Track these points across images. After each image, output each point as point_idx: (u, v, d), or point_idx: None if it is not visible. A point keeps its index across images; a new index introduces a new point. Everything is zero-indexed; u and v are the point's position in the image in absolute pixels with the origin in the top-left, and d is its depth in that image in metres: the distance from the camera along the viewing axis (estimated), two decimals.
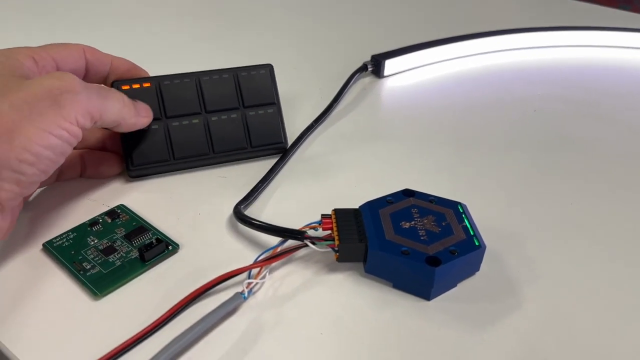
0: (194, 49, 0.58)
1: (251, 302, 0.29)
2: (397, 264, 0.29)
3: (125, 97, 0.34)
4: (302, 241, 0.31)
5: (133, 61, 0.39)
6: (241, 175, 0.39)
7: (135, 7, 0.69)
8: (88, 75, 0.36)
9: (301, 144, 0.42)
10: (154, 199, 0.36)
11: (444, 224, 0.31)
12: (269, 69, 0.41)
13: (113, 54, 0.37)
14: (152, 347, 0.26)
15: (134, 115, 0.35)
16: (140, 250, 0.31)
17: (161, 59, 0.55)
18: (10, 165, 0.27)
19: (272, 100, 0.41)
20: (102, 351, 0.26)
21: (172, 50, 0.58)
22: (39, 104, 0.28)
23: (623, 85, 0.54)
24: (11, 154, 0.27)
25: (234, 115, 0.40)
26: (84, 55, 0.35)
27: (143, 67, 0.39)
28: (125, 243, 0.32)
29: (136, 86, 0.37)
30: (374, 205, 0.32)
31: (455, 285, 0.31)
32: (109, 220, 0.34)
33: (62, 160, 0.30)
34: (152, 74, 0.39)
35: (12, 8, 0.66)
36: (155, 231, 0.33)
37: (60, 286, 0.30)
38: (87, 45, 0.36)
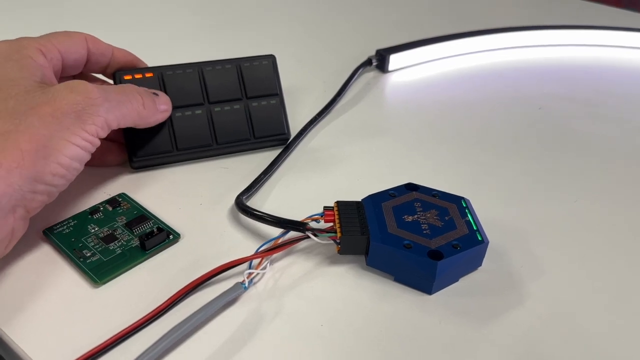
0: (197, 41, 0.58)
1: (251, 292, 0.29)
2: (399, 258, 0.29)
3: (145, 98, 0.34)
4: (304, 233, 0.31)
5: (134, 52, 0.38)
6: (243, 167, 0.39)
7: None
8: (88, 65, 0.36)
9: (304, 136, 0.42)
10: (155, 189, 0.36)
11: (446, 218, 0.31)
12: (271, 59, 0.41)
13: (114, 45, 0.37)
14: (152, 335, 0.26)
15: (153, 115, 0.35)
16: (141, 238, 0.31)
17: (163, 50, 0.54)
18: (45, 179, 0.28)
19: (274, 91, 0.40)
20: (101, 338, 0.26)
21: (175, 42, 0.57)
22: (64, 119, 0.29)
23: (628, 85, 0.54)
24: (46, 168, 0.28)
25: (236, 106, 0.39)
26: (86, 45, 0.35)
27: (145, 59, 0.39)
28: (126, 231, 0.32)
29: (138, 76, 0.37)
30: (376, 199, 0.32)
31: (457, 280, 0.30)
32: (110, 209, 0.34)
33: (82, 168, 0.31)
34: (154, 65, 0.39)
35: None
36: (157, 220, 0.33)
37: (60, 273, 0.30)
38: (89, 35, 0.35)
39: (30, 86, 0.30)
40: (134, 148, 0.37)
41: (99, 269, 0.30)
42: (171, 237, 0.32)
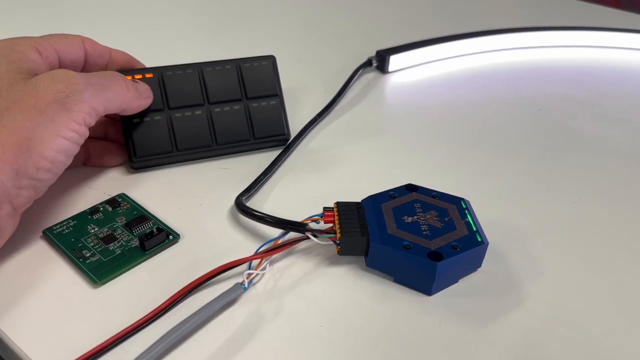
0: (197, 41, 0.58)
1: (251, 293, 0.29)
2: (399, 258, 0.29)
3: (128, 81, 0.34)
4: (304, 233, 0.31)
5: (132, 53, 0.39)
6: (243, 167, 0.39)
7: None
8: (87, 67, 0.36)
9: (304, 137, 0.42)
10: (155, 189, 0.36)
11: (446, 219, 0.31)
12: (271, 60, 0.41)
13: (111, 47, 0.37)
14: (151, 336, 0.26)
15: (137, 99, 0.35)
16: (140, 239, 0.31)
17: (163, 51, 0.54)
18: (28, 173, 0.28)
19: (274, 92, 0.40)
20: (100, 339, 0.26)
21: (175, 42, 0.57)
22: (48, 109, 0.28)
23: (628, 86, 0.54)
24: (29, 162, 0.27)
25: (236, 107, 0.39)
26: (83, 46, 0.35)
27: (144, 59, 0.39)
28: (125, 232, 0.32)
29: (138, 77, 0.37)
30: (376, 199, 0.32)
31: (456, 281, 0.30)
32: (110, 209, 0.34)
33: (71, 161, 0.30)
34: (154, 65, 0.39)
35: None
36: (156, 220, 0.33)
37: (59, 274, 0.30)
38: (85, 37, 0.35)
39: (14, 79, 0.29)
40: (134, 148, 0.37)
41: (99, 269, 0.30)
42: (171, 237, 0.32)
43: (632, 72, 0.57)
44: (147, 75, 0.37)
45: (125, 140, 0.37)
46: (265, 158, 0.39)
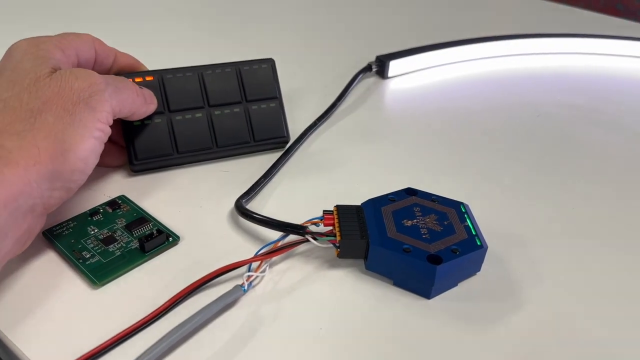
0: (198, 46, 0.58)
1: (251, 295, 0.29)
2: (398, 262, 0.29)
3: (136, 86, 0.35)
4: (303, 236, 0.31)
5: (135, 56, 0.39)
6: (243, 170, 0.39)
7: (137, 1, 0.69)
8: (95, 67, 0.36)
9: (304, 140, 0.42)
10: (155, 191, 0.36)
11: (446, 223, 0.31)
12: (270, 63, 0.41)
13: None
14: (151, 337, 0.26)
15: (144, 104, 0.35)
16: (140, 240, 0.31)
17: (164, 54, 0.55)
18: (64, 175, 0.28)
19: (274, 95, 0.41)
20: (100, 340, 0.26)
21: (176, 45, 0.58)
22: (75, 110, 0.29)
23: (627, 92, 0.54)
24: (65, 165, 0.28)
25: (236, 110, 0.39)
26: (94, 45, 0.35)
27: (145, 62, 0.39)
28: (125, 233, 0.32)
29: (139, 80, 0.37)
30: (376, 203, 0.32)
31: (455, 285, 0.30)
32: (110, 211, 0.34)
33: (97, 161, 0.31)
34: (155, 68, 0.39)
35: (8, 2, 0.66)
36: (156, 222, 0.33)
37: (59, 275, 0.30)
38: (94, 36, 0.36)
39: (40, 72, 0.30)
40: (135, 151, 0.37)
41: (98, 271, 0.30)
42: (170, 239, 0.32)
43: (630, 79, 0.57)
44: (148, 79, 0.38)
45: (126, 143, 0.37)
46: (265, 161, 0.40)
